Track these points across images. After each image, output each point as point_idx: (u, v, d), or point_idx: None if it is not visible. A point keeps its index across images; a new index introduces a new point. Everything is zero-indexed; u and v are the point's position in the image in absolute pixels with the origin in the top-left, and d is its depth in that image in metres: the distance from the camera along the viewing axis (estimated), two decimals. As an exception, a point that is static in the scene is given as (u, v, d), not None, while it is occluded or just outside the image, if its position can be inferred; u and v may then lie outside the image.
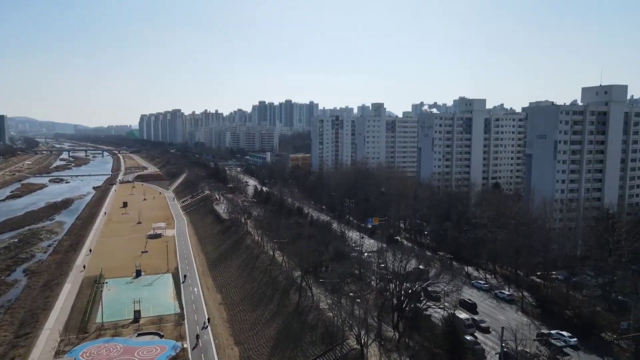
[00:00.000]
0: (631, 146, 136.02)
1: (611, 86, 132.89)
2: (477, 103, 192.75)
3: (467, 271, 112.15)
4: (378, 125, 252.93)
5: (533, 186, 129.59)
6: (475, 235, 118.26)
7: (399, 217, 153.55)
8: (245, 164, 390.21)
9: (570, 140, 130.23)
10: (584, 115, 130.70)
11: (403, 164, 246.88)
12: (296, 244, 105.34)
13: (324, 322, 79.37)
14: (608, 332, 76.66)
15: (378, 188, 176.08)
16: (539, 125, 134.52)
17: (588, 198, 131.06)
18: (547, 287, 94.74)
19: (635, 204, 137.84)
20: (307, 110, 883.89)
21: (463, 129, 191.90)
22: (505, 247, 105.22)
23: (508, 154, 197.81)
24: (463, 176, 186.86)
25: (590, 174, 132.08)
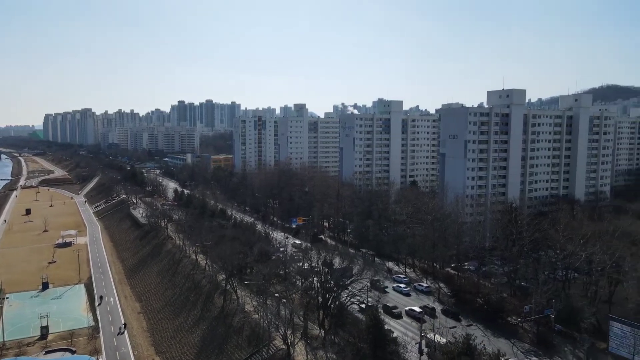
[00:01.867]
0: (529, 145, 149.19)
1: (512, 90, 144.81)
2: (395, 104, 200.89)
3: (388, 266, 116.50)
4: (301, 126, 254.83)
5: (446, 183, 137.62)
6: (395, 232, 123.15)
7: (323, 216, 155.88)
8: (164, 166, 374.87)
9: (478, 140, 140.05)
10: (490, 116, 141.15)
11: (326, 164, 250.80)
12: (220, 246, 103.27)
13: (250, 324, 78.62)
14: (513, 315, 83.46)
15: (302, 188, 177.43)
16: (451, 126, 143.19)
17: (494, 193, 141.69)
18: (460, 278, 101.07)
19: (534, 197, 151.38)
20: (228, 110, 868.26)
21: (382, 130, 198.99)
22: (422, 241, 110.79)
23: (424, 153, 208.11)
24: (383, 175, 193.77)
25: (495, 171, 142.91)
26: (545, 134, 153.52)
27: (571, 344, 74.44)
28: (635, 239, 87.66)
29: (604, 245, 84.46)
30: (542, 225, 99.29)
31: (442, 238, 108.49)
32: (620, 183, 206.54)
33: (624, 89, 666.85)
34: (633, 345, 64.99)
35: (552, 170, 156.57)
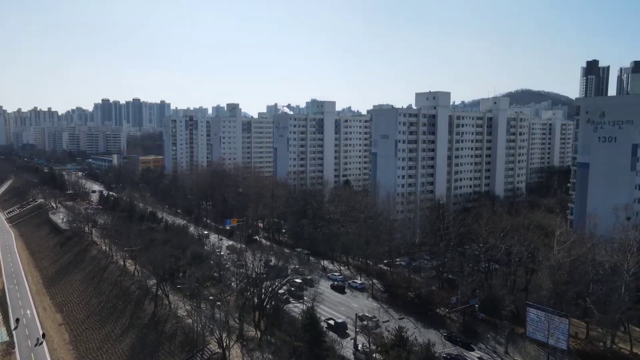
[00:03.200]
0: (454, 145, 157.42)
1: (438, 92, 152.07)
2: (328, 105, 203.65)
3: (323, 265, 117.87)
4: (234, 126, 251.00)
5: (378, 182, 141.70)
6: (329, 230, 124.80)
7: (257, 216, 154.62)
8: (87, 167, 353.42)
9: (408, 140, 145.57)
10: (418, 117, 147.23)
11: (260, 164, 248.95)
12: (150, 250, 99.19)
13: (183, 329, 76.34)
14: (442, 307, 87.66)
15: (235, 189, 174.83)
16: (382, 126, 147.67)
17: (423, 191, 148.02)
18: (392, 273, 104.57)
19: (459, 194, 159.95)
20: (157, 110, 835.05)
21: (316, 130, 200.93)
22: (356, 239, 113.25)
23: (356, 153, 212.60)
24: (317, 174, 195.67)
25: (424, 169, 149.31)
26: (468, 134, 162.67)
27: (493, 331, 79.50)
28: (548, 231, 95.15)
29: (520, 237, 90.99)
30: (466, 221, 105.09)
31: (375, 235, 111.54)
32: (534, 180, 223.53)
33: (536, 93, 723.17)
34: (547, 329, 70.57)
35: (475, 168, 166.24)
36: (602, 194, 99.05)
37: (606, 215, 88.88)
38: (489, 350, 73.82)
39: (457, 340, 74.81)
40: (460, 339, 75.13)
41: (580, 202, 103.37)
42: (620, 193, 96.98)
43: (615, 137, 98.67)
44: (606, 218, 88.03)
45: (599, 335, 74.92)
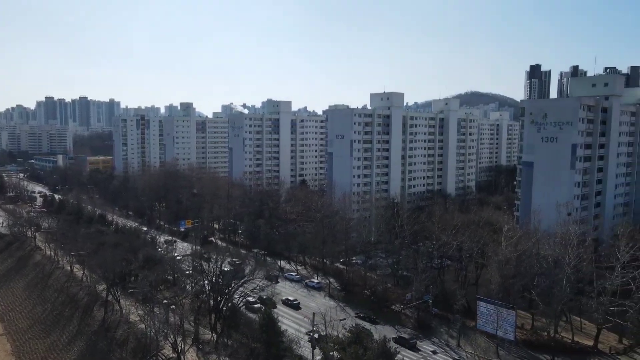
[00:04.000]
0: (408, 144, 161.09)
1: (392, 93, 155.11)
2: (284, 105, 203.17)
3: (280, 265, 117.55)
4: (188, 126, 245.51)
5: (334, 181, 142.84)
6: (286, 230, 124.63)
7: (213, 217, 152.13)
8: (29, 168, 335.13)
9: (363, 140, 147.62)
10: (373, 117, 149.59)
11: (215, 165, 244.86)
12: (99, 254, 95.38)
13: (136, 335, 74.02)
14: (397, 303, 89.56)
15: (190, 190, 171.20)
16: (338, 126, 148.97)
17: (378, 190, 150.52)
18: (349, 272, 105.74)
19: (413, 193, 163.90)
20: (107, 108, 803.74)
21: (272, 130, 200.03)
22: (313, 239, 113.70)
23: (312, 153, 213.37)
24: (273, 174, 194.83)
25: (379, 169, 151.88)
26: (421, 134, 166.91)
27: (446, 325, 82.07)
28: (496, 227, 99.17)
29: (471, 234, 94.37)
30: (420, 219, 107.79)
31: (331, 234, 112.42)
32: (483, 179, 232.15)
33: (484, 95, 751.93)
34: (496, 321, 73.67)
35: (428, 167, 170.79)
36: (545, 191, 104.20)
37: (549, 211, 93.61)
38: (442, 344, 76.10)
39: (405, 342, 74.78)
40: (407, 341, 75.14)
41: (526, 199, 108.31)
42: (561, 190, 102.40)
43: (557, 137, 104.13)
44: (549, 214, 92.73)
45: (543, 325, 78.89)
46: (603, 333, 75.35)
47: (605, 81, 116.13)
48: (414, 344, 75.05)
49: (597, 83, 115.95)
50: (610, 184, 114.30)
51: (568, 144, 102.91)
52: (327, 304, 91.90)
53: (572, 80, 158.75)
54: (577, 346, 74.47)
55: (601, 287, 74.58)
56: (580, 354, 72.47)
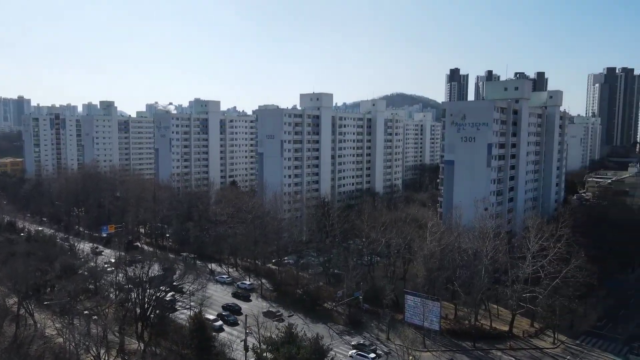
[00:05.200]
0: (337, 144, 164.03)
1: (321, 94, 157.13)
2: (212, 105, 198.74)
3: (210, 268, 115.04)
4: (109, 125, 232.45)
5: (265, 182, 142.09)
6: (216, 232, 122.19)
7: (138, 222, 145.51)
8: None
9: (293, 140, 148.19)
10: (303, 118, 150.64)
11: (140, 166, 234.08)
12: (9, 265, 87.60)
13: (53, 350, 68.94)
14: (329, 301, 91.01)
15: (112, 193, 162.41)
16: (268, 126, 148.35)
17: (309, 190, 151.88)
18: (281, 272, 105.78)
19: (343, 192, 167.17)
20: (15, 106, 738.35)
21: (200, 130, 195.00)
22: (244, 240, 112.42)
23: (243, 153, 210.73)
24: (202, 176, 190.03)
25: (309, 168, 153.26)
26: (350, 134, 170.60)
27: (376, 319, 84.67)
28: (421, 223, 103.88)
29: (398, 230, 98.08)
30: (350, 217, 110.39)
31: (263, 235, 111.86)
32: (409, 177, 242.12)
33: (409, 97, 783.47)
34: (422, 313, 77.25)
35: (357, 167, 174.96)
36: (465, 188, 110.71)
37: (469, 206, 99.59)
38: (373, 338, 78.44)
39: (369, 349, 73.61)
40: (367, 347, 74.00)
41: (448, 196, 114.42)
42: (479, 187, 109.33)
43: (474, 137, 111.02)
44: (469, 209, 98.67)
45: (465, 314, 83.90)
46: (517, 318, 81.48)
47: (515, 85, 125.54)
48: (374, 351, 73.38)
49: (509, 87, 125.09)
50: (521, 180, 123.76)
51: (484, 144, 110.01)
52: (259, 305, 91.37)
53: (487, 84, 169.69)
54: (495, 332, 80.00)
55: (515, 276, 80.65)
56: (498, 339, 77.88)
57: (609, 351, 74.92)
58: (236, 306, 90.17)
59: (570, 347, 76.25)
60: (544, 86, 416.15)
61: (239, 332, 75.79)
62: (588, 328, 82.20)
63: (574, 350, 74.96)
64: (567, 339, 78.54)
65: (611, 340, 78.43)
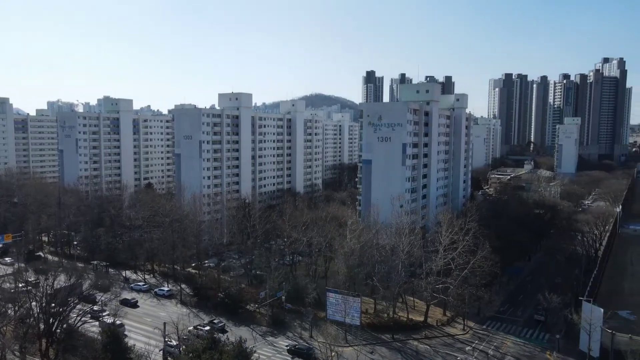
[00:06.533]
0: (258, 145, 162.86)
1: (240, 94, 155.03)
2: (124, 103, 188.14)
3: (125, 275, 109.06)
4: (3, 125, 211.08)
5: (183, 183, 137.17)
6: (131, 238, 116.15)
7: (41, 229, 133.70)
8: None
9: (212, 140, 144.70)
10: (222, 118, 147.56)
11: (42, 169, 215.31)
12: None
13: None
14: (251, 303, 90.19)
15: (9, 198, 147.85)
16: (185, 126, 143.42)
17: (229, 191, 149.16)
18: (201, 276, 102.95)
19: (264, 192, 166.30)
20: None
21: (111, 130, 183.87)
22: (161, 245, 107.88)
23: (158, 154, 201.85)
24: (114, 178, 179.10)
25: (229, 169, 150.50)
26: (270, 134, 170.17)
27: (299, 319, 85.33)
28: (341, 221, 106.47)
29: (319, 229, 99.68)
30: (271, 217, 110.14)
31: (182, 239, 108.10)
32: (329, 176, 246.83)
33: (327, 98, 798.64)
34: (344, 310, 79.17)
35: (277, 167, 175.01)
36: (382, 186, 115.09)
37: (386, 204, 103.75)
38: (296, 337, 79.00)
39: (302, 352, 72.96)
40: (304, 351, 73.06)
41: (366, 194, 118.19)
42: (395, 185, 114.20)
43: (390, 137, 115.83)
44: (386, 207, 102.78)
45: (384, 308, 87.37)
46: (431, 308, 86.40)
47: (426, 88, 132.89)
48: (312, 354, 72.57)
49: (420, 90, 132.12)
50: (433, 178, 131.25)
51: (399, 143, 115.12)
52: (179, 311, 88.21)
53: (400, 87, 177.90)
54: (412, 323, 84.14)
55: (429, 269, 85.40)
56: (414, 329, 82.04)
57: (511, 333, 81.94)
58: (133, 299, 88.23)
59: (478, 332, 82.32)
60: (452, 89, 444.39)
61: (157, 342, 72.55)
62: (493, 313, 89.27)
63: (481, 335, 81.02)
64: (475, 324, 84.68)
65: (513, 323, 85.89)
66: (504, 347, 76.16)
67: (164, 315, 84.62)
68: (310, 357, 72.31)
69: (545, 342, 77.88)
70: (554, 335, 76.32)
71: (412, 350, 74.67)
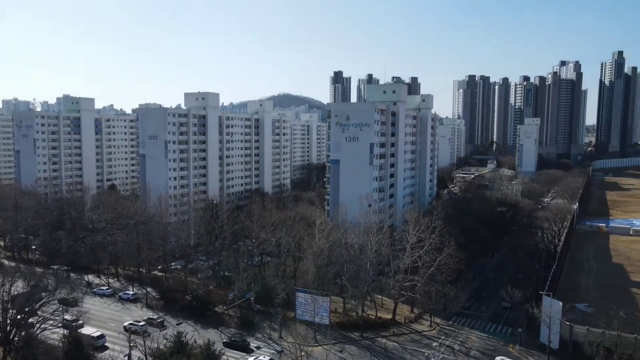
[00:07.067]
0: (225, 145, 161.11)
1: (207, 93, 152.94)
2: (85, 102, 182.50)
3: (87, 280, 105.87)
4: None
5: (148, 184, 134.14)
6: (93, 241, 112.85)
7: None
8: None
9: (179, 141, 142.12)
10: (188, 118, 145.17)
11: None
12: None
13: None
14: (220, 305, 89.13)
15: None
16: (150, 126, 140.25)
17: (196, 192, 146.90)
18: (168, 279, 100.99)
19: (232, 193, 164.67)
20: None
21: (71, 130, 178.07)
22: (126, 247, 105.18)
23: (122, 155, 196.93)
24: (75, 180, 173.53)
25: (196, 170, 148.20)
26: (238, 134, 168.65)
27: (268, 319, 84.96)
28: (310, 221, 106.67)
29: (288, 229, 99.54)
30: (239, 218, 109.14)
31: (148, 241, 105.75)
32: (297, 176, 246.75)
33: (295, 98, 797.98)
34: (313, 309, 79.33)
35: (245, 167, 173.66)
36: (350, 185, 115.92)
37: (354, 203, 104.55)
38: (265, 338, 78.64)
39: (237, 344, 74.58)
40: (239, 343, 74.87)
41: (334, 194, 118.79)
42: (363, 184, 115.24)
43: (358, 137, 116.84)
44: (354, 206, 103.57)
45: (352, 306, 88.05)
46: (399, 306, 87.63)
47: (393, 89, 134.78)
48: (247, 345, 74.26)
49: (387, 90, 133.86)
50: (400, 177, 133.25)
51: (367, 143, 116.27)
52: (144, 315, 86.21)
53: (368, 87, 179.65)
54: (380, 321, 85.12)
55: (396, 267, 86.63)
56: (383, 327, 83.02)
57: (475, 328, 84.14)
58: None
59: (445, 328, 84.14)
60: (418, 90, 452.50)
61: (122, 347, 70.73)
62: (458, 309, 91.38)
63: (448, 331, 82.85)
64: (441, 320, 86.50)
65: (477, 318, 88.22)
66: (469, 342, 78.12)
67: (129, 320, 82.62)
68: (246, 349, 73.04)
69: (508, 336, 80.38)
70: (517, 329, 78.90)
71: (381, 348, 75.58)
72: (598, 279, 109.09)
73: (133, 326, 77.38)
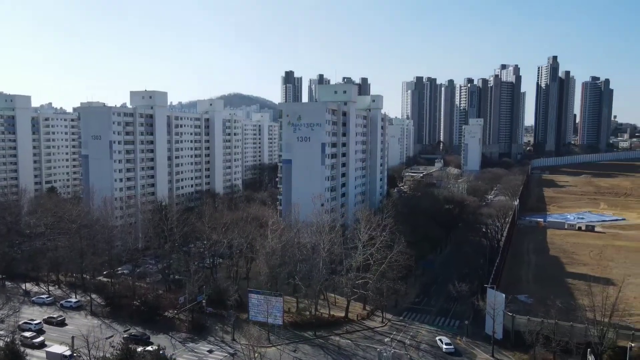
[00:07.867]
0: (174, 145, 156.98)
1: (154, 92, 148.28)
2: (21, 100, 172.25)
3: (25, 288, 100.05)
4: None
5: (92, 186, 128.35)
6: (32, 247, 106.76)
7: None
8: None
9: (124, 141, 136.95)
10: (134, 117, 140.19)
11: None
12: None
13: None
14: (170, 309, 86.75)
15: None
16: (93, 126, 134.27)
17: (144, 193, 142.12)
18: (114, 284, 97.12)
19: (182, 194, 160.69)
20: None
21: (6, 130, 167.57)
22: (68, 253, 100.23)
23: (63, 156, 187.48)
24: (10, 182, 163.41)
25: (144, 171, 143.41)
26: (187, 134, 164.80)
27: (221, 322, 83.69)
28: (262, 222, 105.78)
29: (240, 230, 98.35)
30: (190, 220, 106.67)
31: (92, 246, 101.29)
32: (249, 177, 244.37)
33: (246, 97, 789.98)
34: (266, 310, 78.90)
35: (196, 168, 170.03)
36: (303, 185, 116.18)
37: (307, 203, 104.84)
38: (218, 341, 77.40)
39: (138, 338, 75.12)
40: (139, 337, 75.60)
41: (287, 194, 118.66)
42: (315, 184, 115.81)
43: (309, 137, 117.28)
44: (307, 206, 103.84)
45: (306, 306, 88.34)
46: (352, 304, 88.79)
47: (344, 89, 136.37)
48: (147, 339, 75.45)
49: (338, 90, 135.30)
50: (351, 176, 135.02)
51: (318, 143, 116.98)
52: (89, 323, 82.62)
53: (319, 87, 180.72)
54: (333, 319, 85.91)
55: (349, 265, 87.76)
56: (336, 325, 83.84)
57: (425, 322, 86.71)
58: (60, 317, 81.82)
59: (396, 323, 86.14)
60: (368, 91, 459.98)
61: (65, 357, 67.34)
62: (409, 304, 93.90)
63: (399, 326, 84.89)
64: (393, 316, 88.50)
65: (427, 313, 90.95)
66: (419, 336, 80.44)
67: (72, 329, 78.82)
68: (147, 343, 72.89)
69: (455, 329, 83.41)
70: (463, 322, 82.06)
71: (334, 346, 76.33)
72: (537, 271, 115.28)
73: (27, 325, 74.23)
